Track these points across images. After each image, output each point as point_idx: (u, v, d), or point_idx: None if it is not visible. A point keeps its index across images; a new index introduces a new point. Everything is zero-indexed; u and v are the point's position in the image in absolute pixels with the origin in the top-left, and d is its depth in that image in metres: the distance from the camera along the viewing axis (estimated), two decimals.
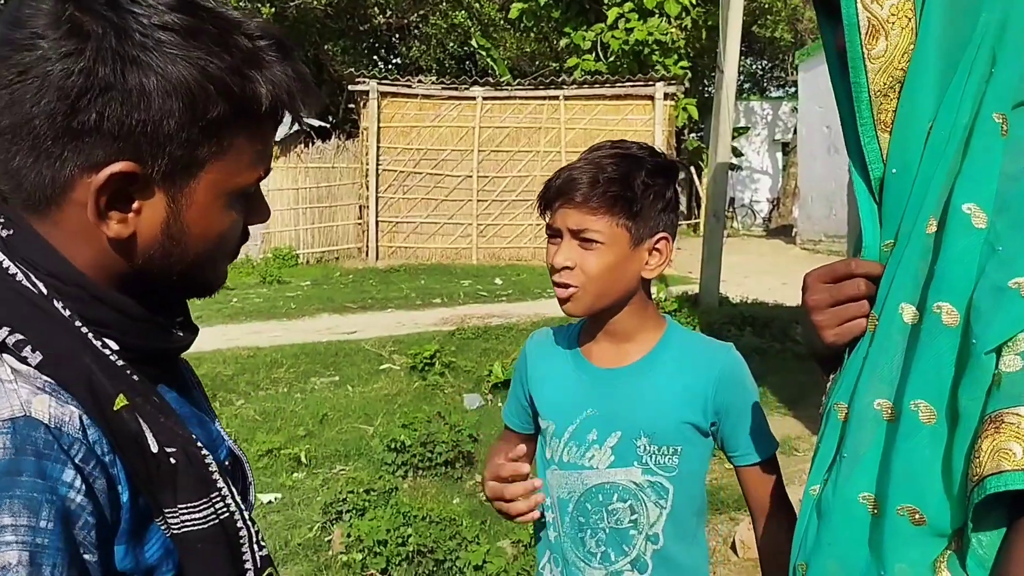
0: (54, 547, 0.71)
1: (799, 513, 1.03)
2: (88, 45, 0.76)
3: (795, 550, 1.03)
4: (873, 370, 0.97)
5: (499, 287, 11.99)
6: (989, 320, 0.86)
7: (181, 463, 0.83)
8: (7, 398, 0.74)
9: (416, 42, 25.62)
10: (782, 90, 30.57)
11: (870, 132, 0.99)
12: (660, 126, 14.16)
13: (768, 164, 25.54)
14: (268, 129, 0.87)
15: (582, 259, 1.46)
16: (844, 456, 0.97)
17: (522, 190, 14.67)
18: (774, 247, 19.51)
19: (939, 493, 0.89)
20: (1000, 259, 0.87)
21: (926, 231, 0.94)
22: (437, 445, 4.97)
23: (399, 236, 14.93)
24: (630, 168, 1.46)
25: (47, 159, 0.78)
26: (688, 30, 15.96)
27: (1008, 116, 0.93)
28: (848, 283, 1.01)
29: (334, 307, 10.53)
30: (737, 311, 8.94)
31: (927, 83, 0.95)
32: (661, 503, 1.50)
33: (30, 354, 0.78)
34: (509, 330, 8.39)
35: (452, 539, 3.88)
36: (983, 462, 0.83)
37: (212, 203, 0.85)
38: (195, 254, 0.86)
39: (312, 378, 7.11)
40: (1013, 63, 0.93)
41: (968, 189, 0.92)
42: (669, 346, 1.54)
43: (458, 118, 14.67)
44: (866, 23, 0.96)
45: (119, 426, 0.79)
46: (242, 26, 0.83)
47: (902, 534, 0.90)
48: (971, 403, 0.86)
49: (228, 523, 0.87)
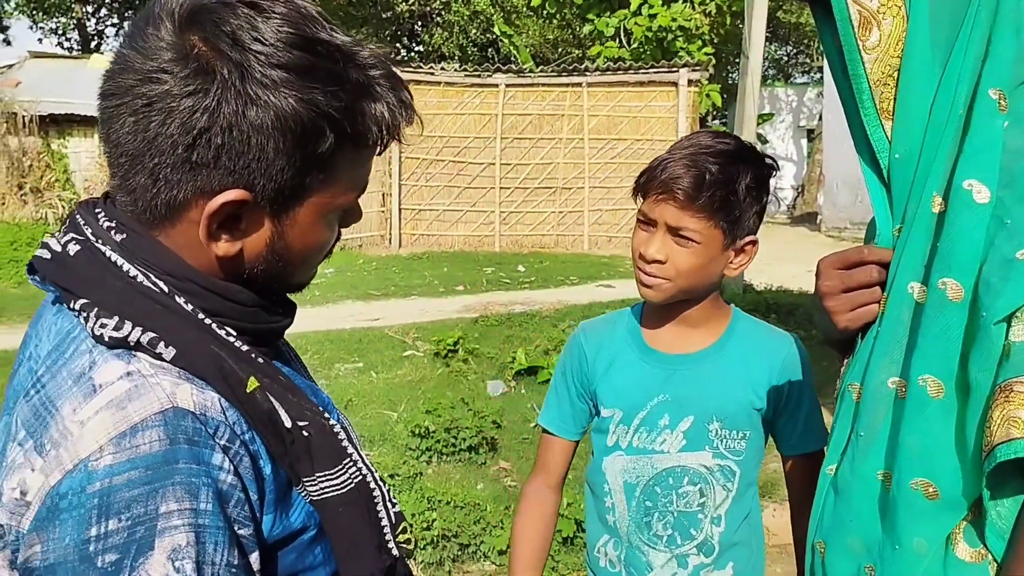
0: (215, 526, 0.77)
1: (816, 493, 1.05)
2: (214, 85, 0.79)
3: (812, 529, 1.05)
4: (885, 349, 0.99)
5: (522, 274, 12.00)
6: (998, 291, 0.87)
7: (314, 435, 0.88)
8: (153, 392, 0.78)
9: (438, 29, 25.59)
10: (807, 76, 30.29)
11: (874, 121, 1.01)
12: (684, 113, 14.08)
13: (793, 151, 25.34)
14: (370, 155, 0.91)
15: (674, 254, 1.47)
16: (860, 435, 0.99)
17: (545, 177, 14.64)
18: (799, 234, 19.36)
19: (952, 466, 0.91)
20: (1008, 232, 0.89)
21: (932, 210, 0.96)
22: (461, 431, 5.00)
23: (422, 223, 14.96)
24: (736, 171, 1.46)
25: (165, 183, 0.82)
26: (712, 16, 15.82)
27: (1007, 93, 0.94)
28: (860, 270, 1.03)
29: (358, 294, 10.58)
30: (762, 298, 8.91)
31: (923, 67, 0.97)
32: (728, 486, 1.54)
33: (164, 349, 0.82)
34: (532, 317, 8.40)
35: (476, 524, 3.91)
36: (994, 431, 0.84)
37: (314, 223, 0.89)
38: (295, 264, 0.91)
39: (336, 364, 7.16)
40: (1008, 40, 0.94)
41: (969, 166, 0.93)
42: (736, 333, 1.57)
43: (480, 105, 14.65)
44: (857, 16, 0.98)
45: (253, 406, 0.84)
46: (356, 56, 0.86)
47: (917, 508, 0.92)
48: (982, 374, 0.87)
49: (362, 486, 0.92)
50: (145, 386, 0.78)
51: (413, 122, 0.91)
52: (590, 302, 9.24)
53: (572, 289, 10.67)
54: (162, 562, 0.73)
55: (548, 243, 14.68)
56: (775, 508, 3.94)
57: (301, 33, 0.82)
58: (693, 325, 1.57)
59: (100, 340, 0.81)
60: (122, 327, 0.81)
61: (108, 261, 0.84)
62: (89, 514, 0.73)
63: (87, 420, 0.77)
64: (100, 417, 0.76)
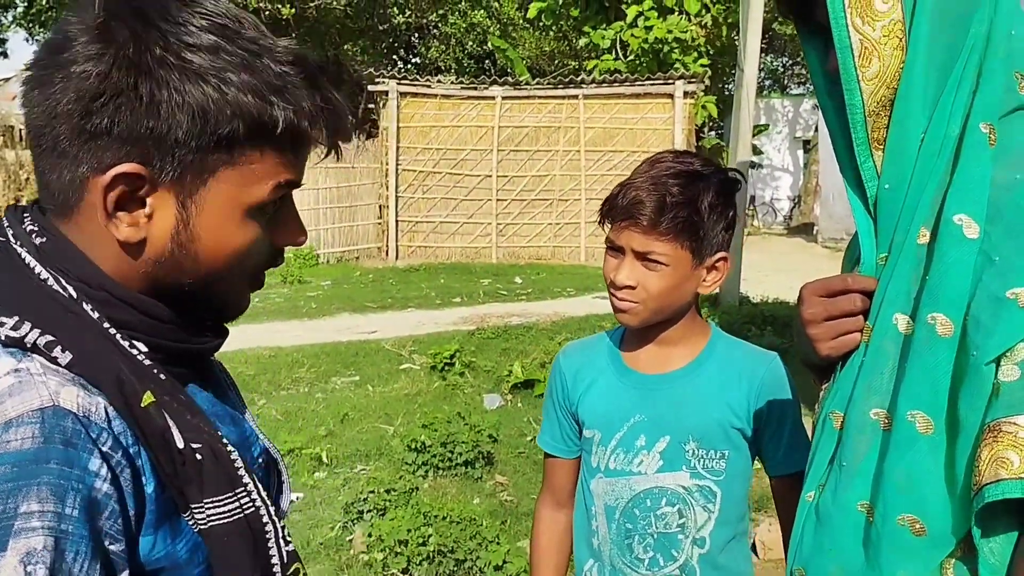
0: (79, 534, 0.73)
1: (795, 519, 1.05)
2: (110, 51, 0.79)
3: (791, 555, 1.05)
4: (869, 380, 0.98)
5: (519, 286, 12.00)
6: (989, 330, 0.87)
7: (207, 459, 0.84)
8: (36, 389, 0.76)
9: (435, 42, 25.68)
10: (803, 87, 30.39)
11: (865, 151, 1.01)
12: (680, 124, 14.12)
13: (789, 162, 25.40)
14: (286, 148, 0.87)
15: (644, 279, 1.48)
16: (843, 464, 0.99)
17: (541, 189, 14.67)
18: (795, 245, 19.41)
19: (941, 503, 0.90)
20: (998, 269, 0.88)
21: (918, 241, 0.96)
22: (457, 445, 4.98)
23: (419, 235, 14.97)
24: (697, 191, 1.46)
25: (65, 159, 0.81)
26: (708, 28, 15.87)
27: (996, 126, 0.94)
28: (844, 298, 1.03)
29: (354, 307, 10.57)
30: (757, 310, 8.90)
31: (918, 99, 0.96)
32: (709, 507, 1.52)
33: (60, 353, 0.80)
34: (529, 329, 8.39)
35: (472, 539, 3.89)
36: (982, 471, 0.84)
37: (223, 214, 0.86)
38: (207, 267, 0.88)
39: (333, 378, 7.14)
40: (998, 73, 0.95)
41: (958, 200, 0.93)
42: (714, 352, 1.57)
43: (477, 118, 14.69)
44: (859, 45, 0.96)
45: (147, 422, 0.81)
46: (273, 51, 0.85)
47: (903, 544, 0.92)
48: (971, 413, 0.87)
49: (253, 518, 0.88)
50: (29, 383, 0.76)
51: (339, 122, 0.89)
52: (587, 314, 9.24)
53: (569, 301, 10.67)
54: (13, 564, 0.69)
55: (545, 255, 14.69)
56: (770, 523, 3.92)
57: (218, 21, 0.83)
58: (671, 344, 1.57)
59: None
60: (20, 327, 0.79)
61: (22, 263, 0.83)
62: None
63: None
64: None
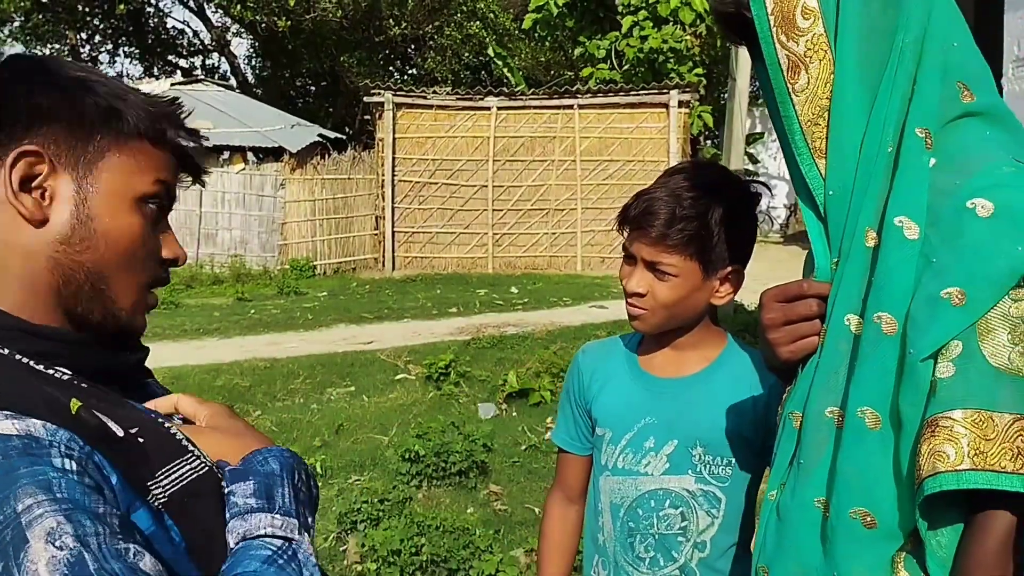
0: (81, 508, 0.74)
1: (758, 518, 1.08)
2: None
3: (756, 554, 1.08)
4: (823, 379, 1.02)
5: (515, 296, 12.01)
6: (924, 329, 0.91)
7: (148, 438, 0.87)
8: None
9: (431, 53, 25.75)
10: None
11: (808, 160, 1.04)
12: (675, 134, 14.16)
13: (784, 171, 25.45)
14: (146, 148, 0.97)
15: (654, 287, 1.50)
16: (801, 462, 1.03)
17: (537, 199, 14.69)
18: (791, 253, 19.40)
19: (889, 496, 0.94)
20: (934, 270, 0.92)
21: (866, 244, 0.99)
22: (451, 455, 4.98)
23: (415, 246, 14.98)
24: (709, 204, 1.48)
25: None
26: (703, 37, 15.92)
27: (933, 132, 0.98)
28: (800, 303, 1.07)
29: (351, 317, 10.58)
30: (753, 318, 8.90)
31: (852, 107, 1.00)
32: (713, 512, 1.54)
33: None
34: (524, 339, 8.40)
35: (465, 548, 3.89)
36: (922, 465, 0.88)
37: (117, 196, 0.94)
38: (105, 255, 0.93)
39: (328, 389, 7.15)
40: (933, 81, 0.99)
41: (899, 202, 0.97)
42: (728, 360, 1.59)
43: (473, 128, 14.72)
44: (785, 60, 1.02)
45: (82, 426, 0.83)
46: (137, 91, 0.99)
47: (855, 537, 0.95)
48: (911, 408, 0.91)
49: (208, 475, 0.91)
50: None
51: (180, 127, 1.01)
52: (583, 323, 9.25)
53: (565, 310, 10.68)
54: (42, 547, 0.70)
55: (541, 264, 14.71)
56: None
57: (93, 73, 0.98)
58: (686, 349, 1.60)
59: None
60: None
61: None
62: None
63: None
64: None
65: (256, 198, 14.90)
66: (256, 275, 14.36)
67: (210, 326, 10.30)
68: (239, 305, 12.08)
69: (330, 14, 22.58)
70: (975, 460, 0.85)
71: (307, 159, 15.04)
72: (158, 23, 27.53)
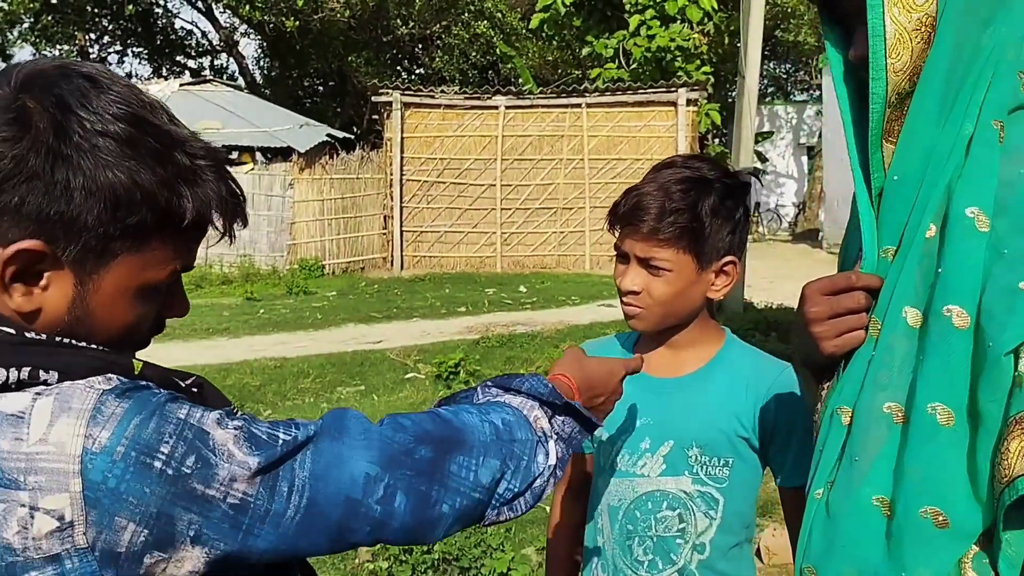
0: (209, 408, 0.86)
1: (804, 517, 1.04)
2: (27, 137, 0.80)
3: (800, 554, 1.03)
4: (879, 374, 0.98)
5: (523, 295, 12.01)
6: (1004, 322, 0.87)
7: (204, 388, 0.95)
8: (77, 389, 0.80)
9: (439, 52, 25.76)
10: (806, 94, 30.40)
11: (877, 143, 1.01)
12: (683, 132, 14.15)
13: (793, 168, 25.41)
14: (189, 237, 0.91)
15: (649, 284, 1.49)
16: (856, 460, 0.97)
17: (545, 198, 14.69)
18: (800, 252, 19.38)
19: (964, 494, 0.90)
20: (1007, 262, 0.89)
21: (926, 236, 0.96)
22: None
23: (423, 245, 15.00)
24: (699, 196, 1.46)
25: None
26: (711, 36, 15.90)
27: (1004, 122, 0.96)
28: (848, 296, 1.02)
29: (360, 317, 10.59)
30: (762, 316, 8.89)
31: (935, 95, 0.97)
32: (711, 514, 1.52)
33: (46, 375, 0.81)
34: (533, 338, 8.40)
35: (477, 547, 3.89)
36: (1012, 463, 0.84)
37: (119, 294, 0.88)
38: (99, 339, 0.88)
39: (338, 388, 7.16)
40: (1010, 74, 0.96)
41: (970, 193, 0.93)
42: (725, 360, 1.57)
43: (481, 127, 14.73)
44: (893, 35, 0.96)
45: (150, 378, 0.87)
46: (185, 144, 0.88)
47: (925, 536, 0.91)
48: (991, 404, 0.87)
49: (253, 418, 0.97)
50: (66, 391, 0.79)
51: (240, 215, 0.93)
52: (591, 322, 9.25)
53: (574, 309, 10.68)
54: (220, 431, 0.83)
55: (549, 263, 14.70)
56: (775, 528, 3.92)
57: (132, 110, 0.84)
58: (683, 348, 1.57)
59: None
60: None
61: None
62: (140, 462, 0.77)
63: (46, 436, 0.76)
64: (59, 424, 0.77)
65: (265, 198, 14.93)
66: (265, 275, 14.39)
67: (220, 326, 10.33)
68: (248, 305, 12.10)
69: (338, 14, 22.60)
70: None
71: (315, 159, 15.07)
72: (167, 24, 27.63)
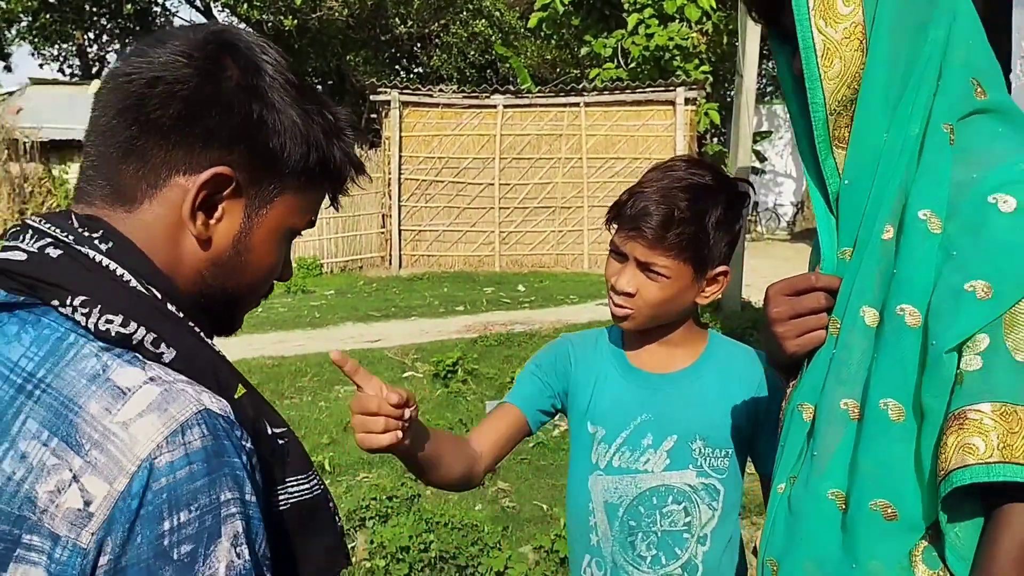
0: (256, 517, 0.81)
1: (766, 511, 1.07)
2: (224, 71, 0.86)
3: (763, 547, 1.07)
4: (838, 371, 1.02)
5: (522, 294, 12.02)
6: (948, 322, 0.91)
7: (290, 443, 0.93)
8: (185, 395, 0.80)
9: (437, 51, 25.75)
10: None
11: (826, 149, 1.04)
12: (681, 131, 14.15)
13: (792, 168, 25.41)
14: (326, 186, 0.98)
15: (644, 288, 1.50)
16: (814, 454, 1.02)
17: (544, 197, 14.69)
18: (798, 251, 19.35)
19: (912, 488, 0.93)
20: (955, 263, 0.93)
21: (883, 237, 0.99)
22: None
23: (422, 244, 15.00)
24: (705, 206, 1.47)
25: (141, 158, 0.85)
26: (709, 35, 15.90)
27: (955, 126, 0.99)
28: (808, 296, 1.06)
29: (358, 316, 10.60)
30: (759, 315, 8.88)
31: (878, 99, 1.00)
32: (713, 505, 1.55)
33: (165, 350, 0.83)
34: (531, 337, 8.41)
35: (474, 545, 3.91)
36: (949, 457, 0.87)
37: (273, 233, 0.94)
38: (251, 278, 0.95)
39: (336, 386, 7.16)
40: (957, 77, 0.99)
41: (922, 197, 0.97)
42: (716, 353, 1.60)
43: (479, 126, 14.73)
44: (822, 46, 1.01)
45: (241, 413, 0.86)
46: (330, 104, 0.96)
47: (875, 529, 0.95)
48: (934, 400, 0.91)
49: (326, 493, 0.97)
50: (175, 390, 0.80)
51: (363, 172, 1.01)
52: (590, 321, 9.25)
53: (572, 308, 10.68)
54: (227, 548, 0.77)
55: (548, 262, 14.71)
56: None
57: (286, 72, 0.92)
58: (673, 345, 1.60)
59: (104, 336, 0.80)
60: (128, 325, 0.81)
61: (98, 265, 0.83)
62: (160, 510, 0.75)
63: (130, 422, 0.77)
64: (146, 419, 0.77)
65: None
66: None
67: None
68: None
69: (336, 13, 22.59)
70: (1003, 453, 0.85)
71: None
72: (165, 22, 27.59)
